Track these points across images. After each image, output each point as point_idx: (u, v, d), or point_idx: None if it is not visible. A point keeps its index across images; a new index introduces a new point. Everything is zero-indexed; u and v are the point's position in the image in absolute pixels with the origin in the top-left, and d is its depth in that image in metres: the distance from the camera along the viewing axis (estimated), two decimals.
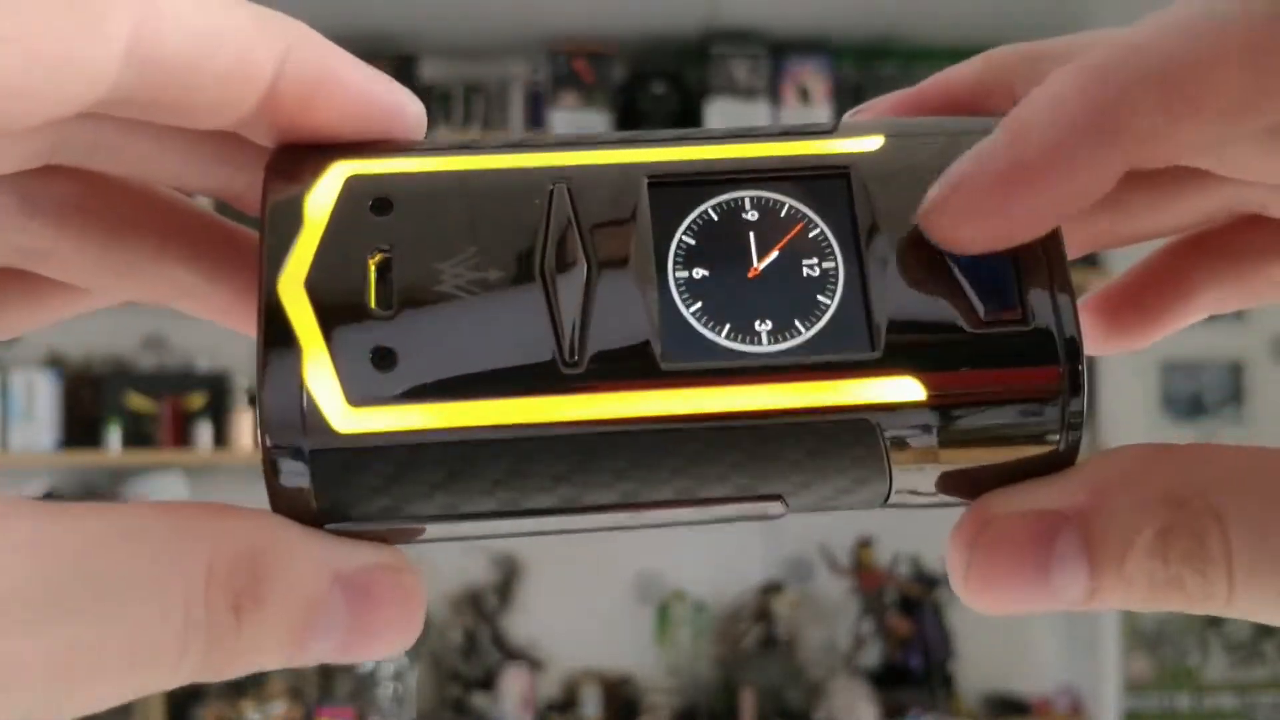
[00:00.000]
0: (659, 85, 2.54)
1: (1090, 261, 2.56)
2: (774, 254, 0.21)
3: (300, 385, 0.19)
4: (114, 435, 2.39)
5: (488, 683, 2.51)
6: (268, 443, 0.19)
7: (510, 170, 0.21)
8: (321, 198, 0.21)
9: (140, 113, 0.19)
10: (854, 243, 0.21)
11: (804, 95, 2.56)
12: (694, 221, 0.21)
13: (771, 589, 2.54)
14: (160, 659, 0.17)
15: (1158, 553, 0.18)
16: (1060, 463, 0.20)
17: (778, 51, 2.56)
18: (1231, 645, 2.53)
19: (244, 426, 2.39)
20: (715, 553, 2.50)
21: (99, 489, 2.49)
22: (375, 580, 0.19)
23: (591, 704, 2.48)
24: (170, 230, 0.23)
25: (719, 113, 2.53)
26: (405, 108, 0.21)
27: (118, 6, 0.17)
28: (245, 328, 0.22)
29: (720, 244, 0.21)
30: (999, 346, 0.20)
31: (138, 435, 2.41)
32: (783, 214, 0.22)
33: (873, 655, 2.54)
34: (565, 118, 2.54)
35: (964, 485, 0.21)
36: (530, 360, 0.20)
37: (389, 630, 0.19)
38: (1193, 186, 0.24)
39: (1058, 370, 0.20)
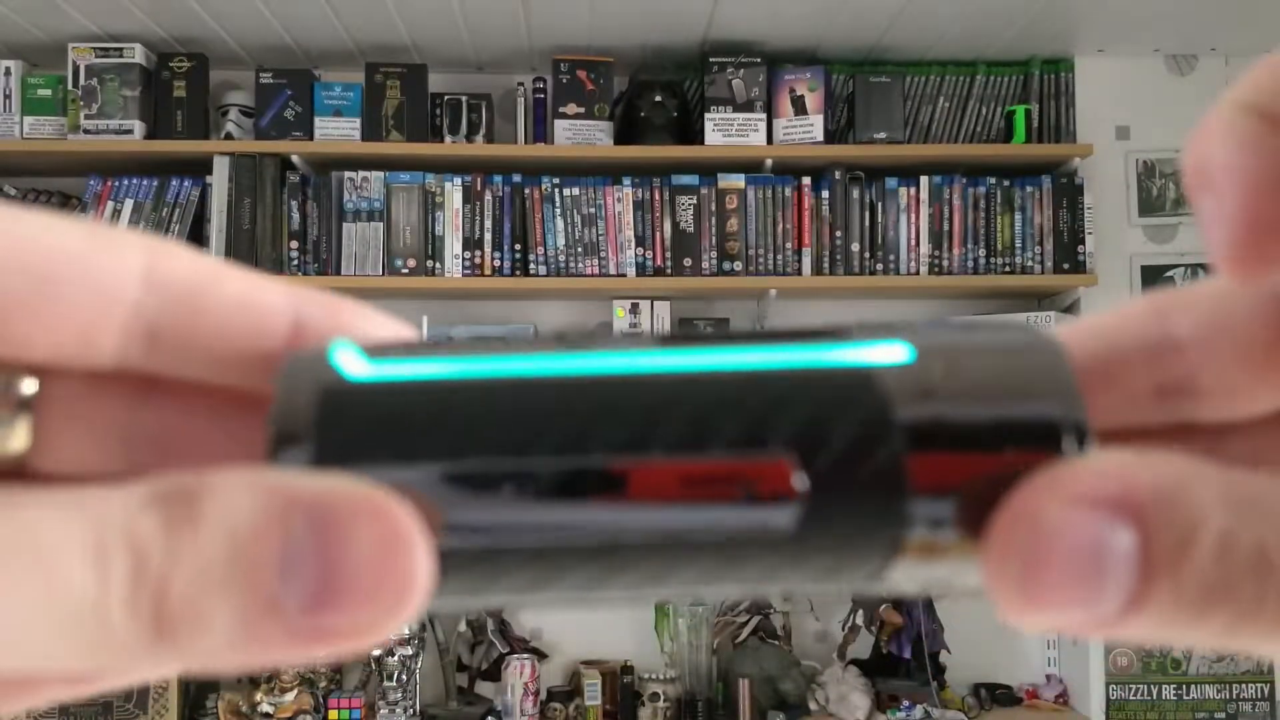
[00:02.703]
0: (658, 96, 2.59)
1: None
2: None
3: None
4: None
5: (493, 673, 2.55)
6: None
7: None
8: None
9: (169, 345, 0.18)
10: None
11: (798, 105, 2.63)
12: None
13: None
14: (69, 570, 0.15)
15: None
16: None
17: (773, 63, 2.63)
18: None
19: None
20: None
21: None
22: (351, 504, 0.16)
23: (593, 693, 2.51)
24: None
25: (717, 122, 2.60)
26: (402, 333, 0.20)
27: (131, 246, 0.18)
28: None
29: None
30: None
31: None
32: None
33: (865, 646, 2.57)
34: (568, 126, 2.61)
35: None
36: None
37: (370, 572, 0.15)
38: None
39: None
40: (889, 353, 0.19)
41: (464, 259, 2.58)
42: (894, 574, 0.18)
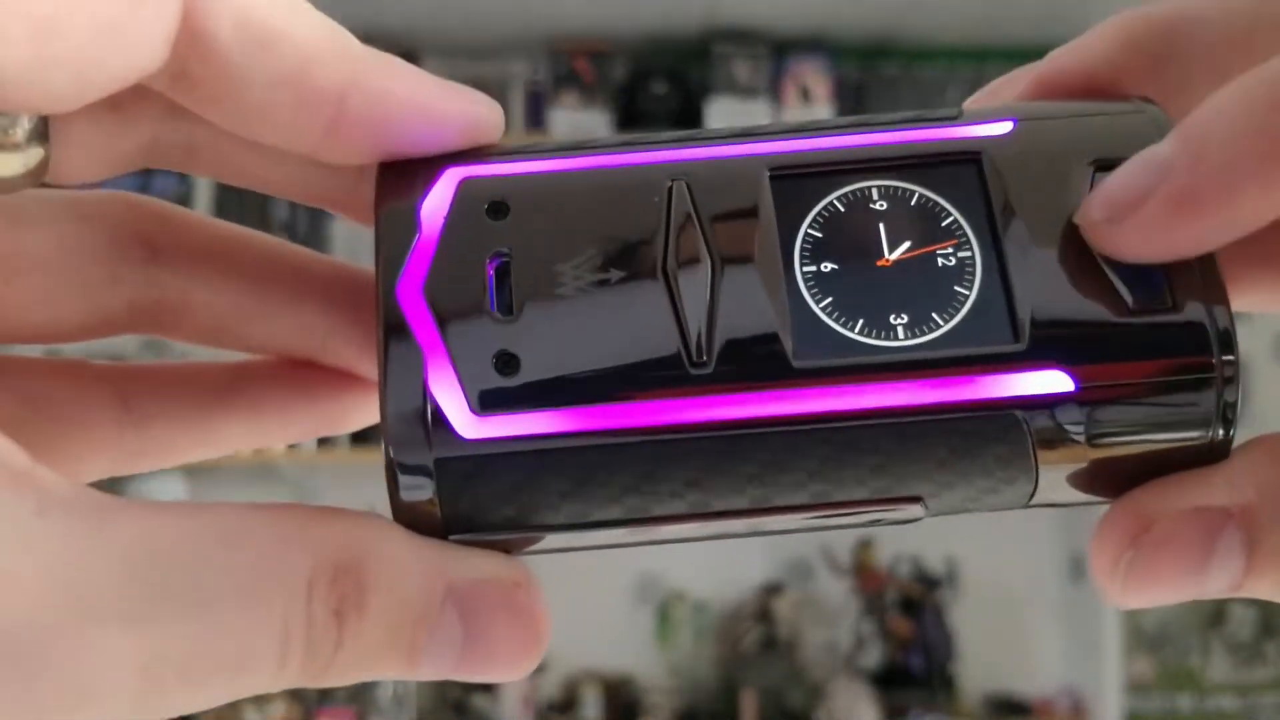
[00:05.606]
0: (660, 85, 2.54)
1: None
2: (906, 244, 0.21)
3: (423, 394, 0.19)
4: None
5: (487, 684, 2.53)
6: (391, 454, 0.19)
7: (627, 169, 0.21)
8: (435, 203, 0.20)
9: (202, 107, 0.19)
10: (990, 230, 0.21)
11: (805, 95, 2.57)
12: (820, 214, 0.21)
13: (772, 589, 2.54)
14: (258, 666, 0.17)
15: None
16: (1213, 455, 0.20)
17: (779, 51, 2.56)
18: (1234, 646, 2.53)
19: None
20: (715, 553, 2.50)
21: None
22: (491, 596, 0.19)
23: (592, 705, 2.48)
24: (303, 277, 0.23)
25: (720, 112, 2.54)
26: (480, 120, 0.21)
27: None
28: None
29: (848, 236, 0.21)
30: (1149, 336, 0.20)
31: None
32: (913, 203, 0.21)
33: (874, 656, 2.53)
34: (565, 117, 2.55)
35: (1111, 481, 0.20)
36: (656, 362, 0.19)
37: (507, 651, 0.19)
38: None
39: (1211, 359, 0.20)
40: (996, 127, 0.21)
41: None
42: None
